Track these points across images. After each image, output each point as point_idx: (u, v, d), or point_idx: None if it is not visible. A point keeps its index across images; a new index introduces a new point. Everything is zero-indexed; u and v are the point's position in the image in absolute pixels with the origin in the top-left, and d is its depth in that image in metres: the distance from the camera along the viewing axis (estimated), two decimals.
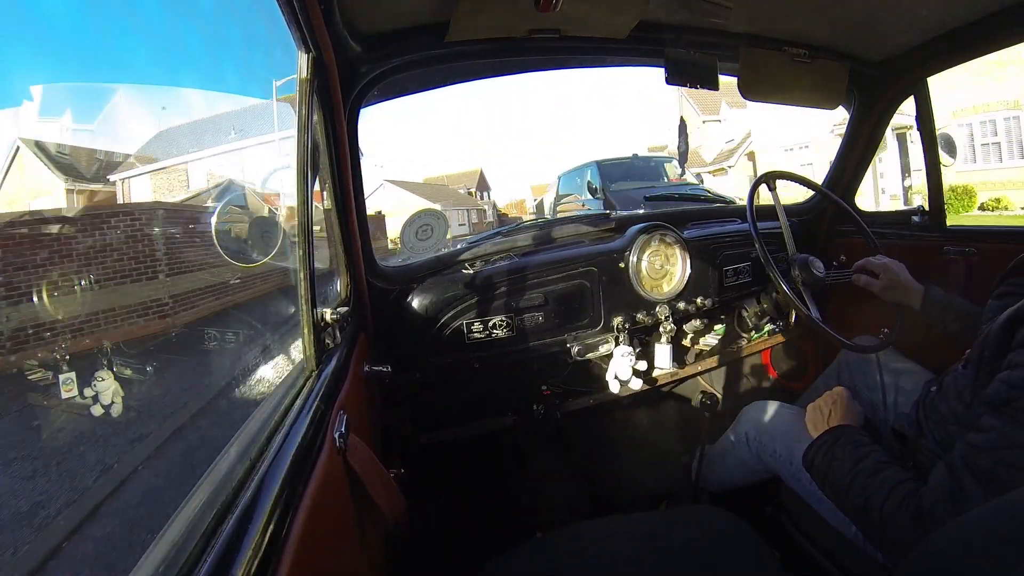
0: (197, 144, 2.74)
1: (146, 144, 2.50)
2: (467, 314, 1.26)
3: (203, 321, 2.07)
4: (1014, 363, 0.64)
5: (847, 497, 0.80)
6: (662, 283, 1.41)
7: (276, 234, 1.08)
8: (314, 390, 0.69)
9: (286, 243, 1.16)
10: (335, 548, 0.59)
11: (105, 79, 2.20)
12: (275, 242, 1.09)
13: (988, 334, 0.70)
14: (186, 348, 1.98)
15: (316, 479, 0.55)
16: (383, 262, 1.28)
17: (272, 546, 0.43)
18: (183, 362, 1.94)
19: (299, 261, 0.77)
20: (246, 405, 1.15)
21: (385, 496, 0.73)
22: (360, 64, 1.05)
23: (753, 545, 0.81)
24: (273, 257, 1.14)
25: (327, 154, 1.00)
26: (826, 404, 1.00)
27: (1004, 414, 0.63)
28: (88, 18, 1.50)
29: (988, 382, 0.67)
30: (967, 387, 0.75)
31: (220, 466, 0.53)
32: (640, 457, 1.59)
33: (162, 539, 0.42)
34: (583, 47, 1.22)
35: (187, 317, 2.03)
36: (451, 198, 22.78)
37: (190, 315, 2.04)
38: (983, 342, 0.71)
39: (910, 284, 1.13)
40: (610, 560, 0.82)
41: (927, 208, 1.40)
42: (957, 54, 1.23)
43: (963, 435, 0.69)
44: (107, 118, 2.12)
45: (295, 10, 0.74)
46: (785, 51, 1.26)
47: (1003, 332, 0.67)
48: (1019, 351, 0.64)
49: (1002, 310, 0.70)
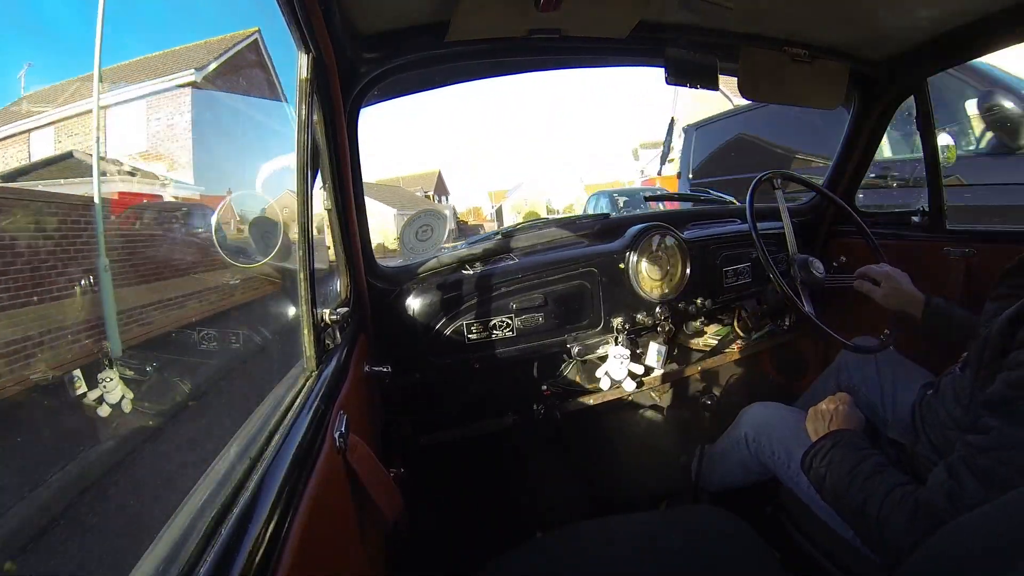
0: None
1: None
2: (467, 314, 1.26)
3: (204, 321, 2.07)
4: (1015, 363, 0.63)
5: (845, 499, 0.80)
6: (662, 284, 1.41)
7: (276, 234, 1.08)
8: (314, 390, 0.69)
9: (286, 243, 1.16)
10: (335, 548, 0.60)
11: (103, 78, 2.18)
12: (275, 242, 1.09)
13: (988, 335, 0.70)
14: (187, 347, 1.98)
15: (316, 479, 0.55)
16: (383, 262, 1.28)
17: (272, 546, 0.43)
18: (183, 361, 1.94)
19: (299, 261, 0.77)
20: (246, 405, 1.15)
21: (385, 496, 0.73)
22: (360, 64, 1.05)
23: (753, 545, 0.81)
24: (273, 257, 1.14)
25: (327, 154, 1.00)
26: (827, 408, 1.00)
27: (1004, 414, 0.63)
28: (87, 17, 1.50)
29: (987, 383, 0.67)
30: (965, 389, 0.75)
31: (220, 466, 0.53)
32: (640, 457, 1.59)
33: (162, 539, 0.42)
34: (583, 47, 1.22)
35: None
36: (406, 201, 20.42)
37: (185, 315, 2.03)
38: (982, 343, 0.71)
39: (912, 293, 1.13)
40: (610, 560, 0.82)
41: (927, 208, 1.40)
42: (957, 54, 1.24)
43: (962, 438, 0.68)
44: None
45: (295, 10, 0.74)
46: (785, 51, 1.26)
47: (1004, 332, 0.67)
48: (1020, 351, 0.63)
49: (1001, 311, 0.69)
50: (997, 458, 0.62)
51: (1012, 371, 0.63)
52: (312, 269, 0.77)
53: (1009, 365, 0.64)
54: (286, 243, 0.97)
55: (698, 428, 1.60)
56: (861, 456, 0.82)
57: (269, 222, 1.08)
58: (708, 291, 1.46)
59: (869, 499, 0.75)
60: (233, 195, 1.73)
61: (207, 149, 2.35)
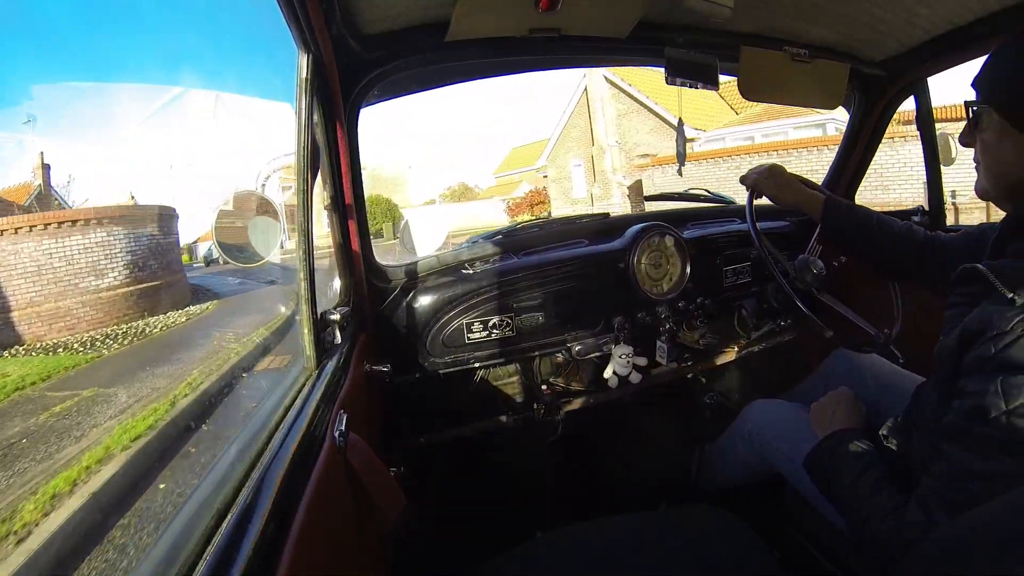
0: None
1: None
2: (467, 314, 1.27)
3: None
4: (967, 391, 0.61)
5: (846, 511, 0.80)
6: (662, 283, 1.41)
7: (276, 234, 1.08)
8: (314, 390, 0.70)
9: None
10: (335, 547, 0.60)
11: (104, 78, 2.19)
12: (275, 242, 1.09)
13: (942, 350, 0.68)
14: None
15: (316, 478, 0.55)
16: (383, 262, 1.28)
17: (272, 545, 0.43)
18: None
19: (299, 261, 0.77)
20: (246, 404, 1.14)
21: (385, 495, 0.73)
22: (360, 64, 1.05)
23: (753, 545, 0.81)
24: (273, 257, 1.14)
25: (327, 154, 1.00)
26: (830, 403, 1.00)
27: (963, 444, 0.61)
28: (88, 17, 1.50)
29: (948, 405, 0.65)
30: (936, 405, 0.73)
31: (220, 465, 0.53)
32: (640, 457, 1.59)
33: (162, 538, 0.42)
34: (583, 46, 1.22)
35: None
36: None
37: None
38: (939, 357, 0.69)
39: (806, 190, 1.17)
40: (610, 560, 0.82)
41: (927, 208, 1.40)
42: (957, 54, 1.23)
43: (927, 468, 0.67)
44: (107, 116, 2.09)
45: (295, 10, 0.74)
46: (785, 51, 1.26)
47: (954, 353, 0.65)
48: (970, 378, 0.61)
49: (957, 319, 0.67)
50: (962, 489, 0.61)
51: (964, 399, 0.62)
52: (312, 269, 0.77)
53: (959, 392, 0.63)
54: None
55: (698, 427, 1.60)
56: (862, 465, 0.81)
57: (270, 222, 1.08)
58: (708, 291, 1.46)
59: (869, 519, 0.74)
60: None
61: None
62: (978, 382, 0.60)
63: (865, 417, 0.98)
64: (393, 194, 21.20)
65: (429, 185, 34.89)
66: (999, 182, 0.69)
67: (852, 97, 1.49)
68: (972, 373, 0.61)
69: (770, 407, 1.17)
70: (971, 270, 0.68)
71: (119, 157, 16.06)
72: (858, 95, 1.47)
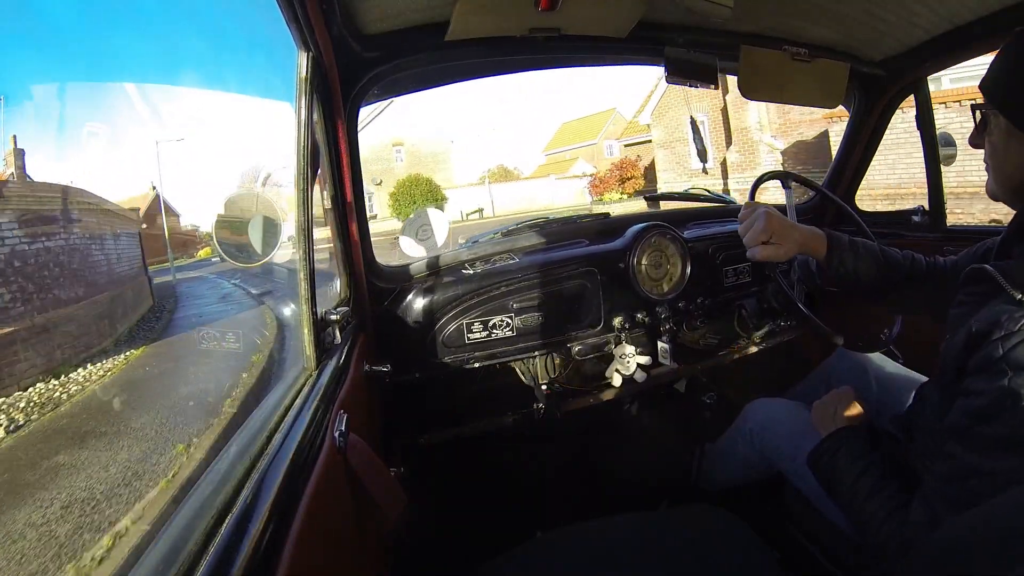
0: None
1: None
2: (467, 314, 1.26)
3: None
4: (971, 391, 0.62)
5: (848, 510, 0.81)
6: (662, 283, 1.41)
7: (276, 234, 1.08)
8: (314, 390, 0.69)
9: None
10: (335, 547, 0.59)
11: (105, 78, 2.19)
12: (275, 242, 1.09)
13: (948, 350, 0.69)
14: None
15: (316, 478, 0.55)
16: (383, 262, 1.28)
17: (272, 545, 0.43)
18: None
19: (299, 261, 0.77)
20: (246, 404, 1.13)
21: (385, 495, 0.73)
22: (360, 63, 1.05)
23: (753, 545, 0.81)
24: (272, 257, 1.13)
25: (327, 154, 1.00)
26: (832, 402, 1.00)
27: (966, 443, 0.62)
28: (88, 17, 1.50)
29: (950, 405, 0.66)
30: (936, 406, 0.74)
31: (220, 465, 0.53)
32: (640, 456, 1.59)
33: (162, 538, 0.42)
34: (583, 46, 1.22)
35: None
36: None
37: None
38: (943, 357, 0.70)
39: (807, 229, 0.95)
40: (610, 560, 0.82)
41: (927, 208, 1.40)
42: (957, 54, 1.24)
43: (929, 469, 0.68)
44: (107, 116, 2.08)
45: (295, 9, 0.74)
46: (785, 50, 1.26)
47: (960, 353, 0.65)
48: (976, 378, 0.62)
49: (962, 319, 0.67)
50: (966, 487, 0.61)
51: (968, 399, 0.62)
52: (312, 269, 0.77)
53: (965, 392, 0.63)
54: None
55: (698, 427, 1.60)
56: (862, 466, 0.81)
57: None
58: (708, 290, 1.46)
59: (869, 521, 0.74)
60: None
61: None
62: (984, 382, 0.60)
63: (866, 416, 0.98)
64: (434, 173, 18.08)
65: (472, 164, 32.79)
66: (1007, 184, 0.70)
67: (852, 96, 1.49)
68: (978, 373, 0.61)
69: (771, 406, 1.17)
70: (979, 271, 0.69)
71: (119, 157, 16.04)
72: (858, 95, 1.47)
